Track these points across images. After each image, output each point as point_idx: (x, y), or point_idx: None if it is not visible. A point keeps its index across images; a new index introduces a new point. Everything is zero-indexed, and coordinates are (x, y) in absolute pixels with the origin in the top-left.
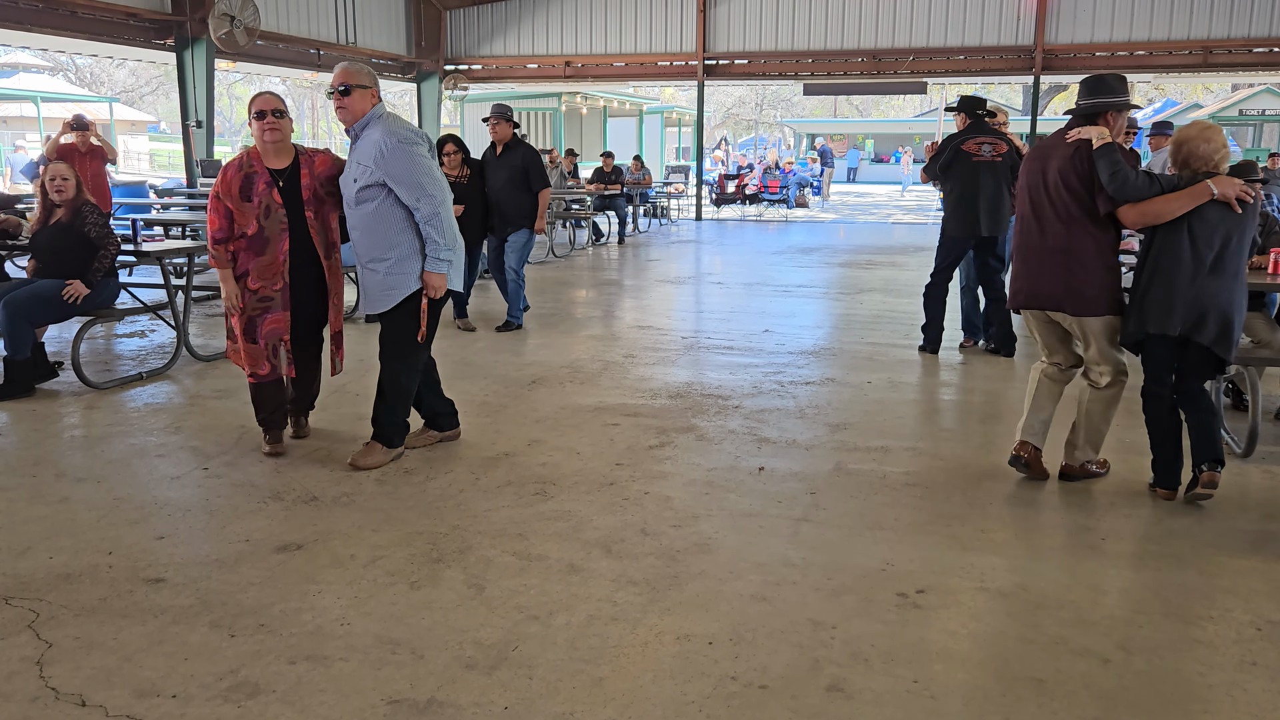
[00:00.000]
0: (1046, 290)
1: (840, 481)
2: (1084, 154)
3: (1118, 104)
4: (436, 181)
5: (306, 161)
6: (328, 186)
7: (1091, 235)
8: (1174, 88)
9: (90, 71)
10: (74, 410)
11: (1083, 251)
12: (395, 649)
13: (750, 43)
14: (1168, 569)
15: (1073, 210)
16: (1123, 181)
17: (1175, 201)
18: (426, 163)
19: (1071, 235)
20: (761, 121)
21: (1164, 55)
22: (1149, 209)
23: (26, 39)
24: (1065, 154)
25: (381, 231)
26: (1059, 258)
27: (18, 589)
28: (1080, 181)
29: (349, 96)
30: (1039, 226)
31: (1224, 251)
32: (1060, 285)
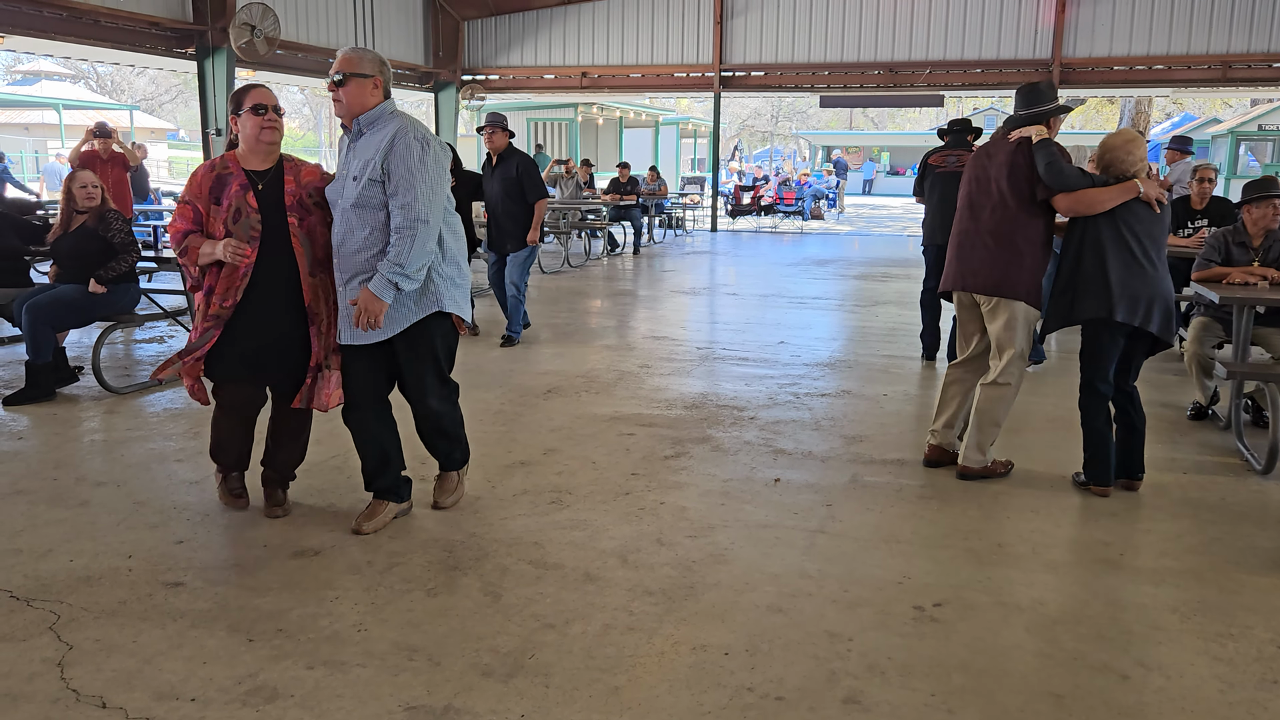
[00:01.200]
0: (974, 271)
1: (856, 494)
2: (1025, 149)
3: (1054, 110)
4: (436, 196)
5: (292, 168)
6: (315, 196)
7: (1023, 225)
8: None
9: (111, 79)
10: (94, 414)
11: (1013, 238)
12: (412, 655)
13: (767, 55)
14: (1187, 585)
15: (1009, 201)
16: (1058, 172)
17: (1106, 194)
18: (436, 171)
19: (1004, 223)
20: (777, 133)
21: (1183, 70)
22: (1082, 198)
23: (51, 47)
24: (1008, 149)
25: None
26: (990, 242)
27: (39, 591)
28: (1020, 174)
29: (344, 88)
30: (974, 215)
31: (1152, 247)
32: (987, 267)
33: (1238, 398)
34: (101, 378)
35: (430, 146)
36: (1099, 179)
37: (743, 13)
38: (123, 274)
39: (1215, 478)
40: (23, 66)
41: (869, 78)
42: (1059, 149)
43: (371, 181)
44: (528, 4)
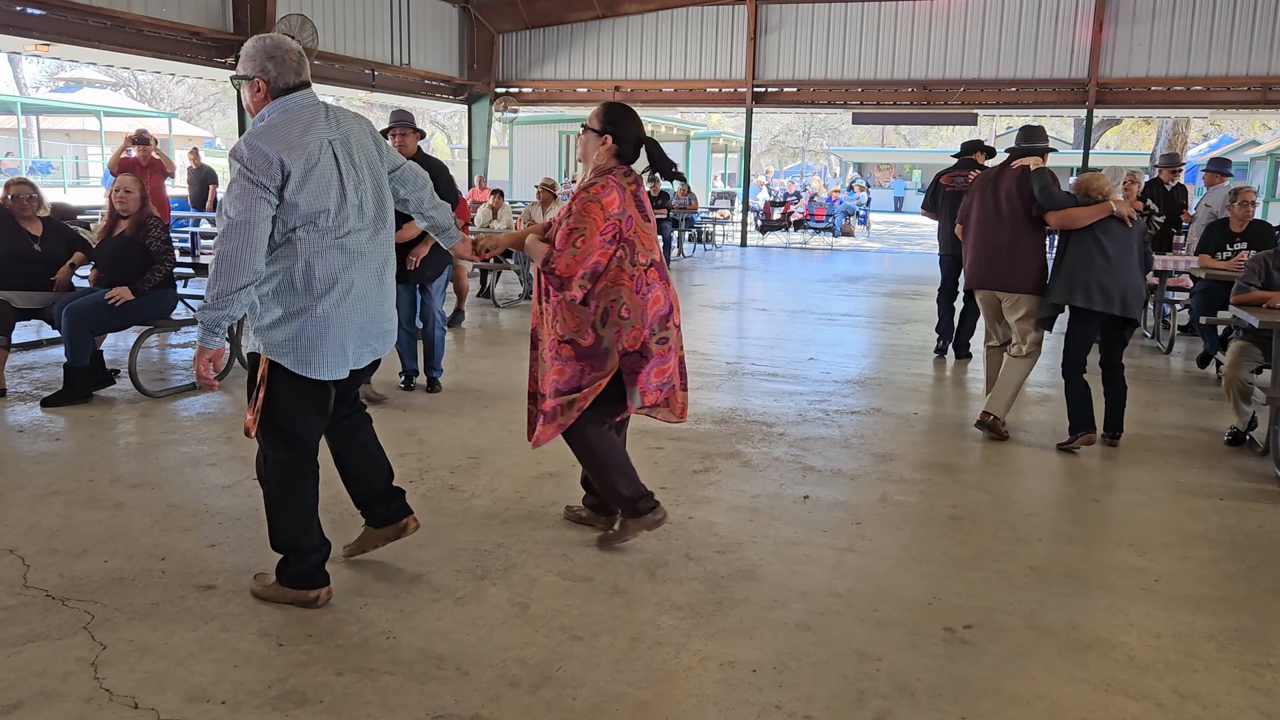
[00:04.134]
0: (995, 274)
1: (886, 512)
2: (1025, 175)
3: (1045, 149)
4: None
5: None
6: (563, 217)
7: (1028, 234)
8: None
9: (150, 88)
10: (129, 417)
11: (1021, 246)
12: (440, 664)
13: (800, 71)
14: (1223, 614)
15: (1018, 215)
16: (1049, 195)
17: (1085, 213)
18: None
19: (1014, 234)
20: (808, 149)
21: (1221, 91)
22: (1067, 215)
23: (94, 55)
24: (1014, 175)
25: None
26: (1005, 250)
27: (74, 591)
28: (1021, 195)
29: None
30: (989, 229)
31: (1123, 251)
32: (1004, 269)
33: (1277, 423)
34: (137, 381)
35: (238, 155)
36: (1083, 199)
37: (776, 29)
38: (160, 281)
39: (1253, 504)
40: (65, 74)
41: (902, 95)
42: (1051, 176)
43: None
44: (562, 18)
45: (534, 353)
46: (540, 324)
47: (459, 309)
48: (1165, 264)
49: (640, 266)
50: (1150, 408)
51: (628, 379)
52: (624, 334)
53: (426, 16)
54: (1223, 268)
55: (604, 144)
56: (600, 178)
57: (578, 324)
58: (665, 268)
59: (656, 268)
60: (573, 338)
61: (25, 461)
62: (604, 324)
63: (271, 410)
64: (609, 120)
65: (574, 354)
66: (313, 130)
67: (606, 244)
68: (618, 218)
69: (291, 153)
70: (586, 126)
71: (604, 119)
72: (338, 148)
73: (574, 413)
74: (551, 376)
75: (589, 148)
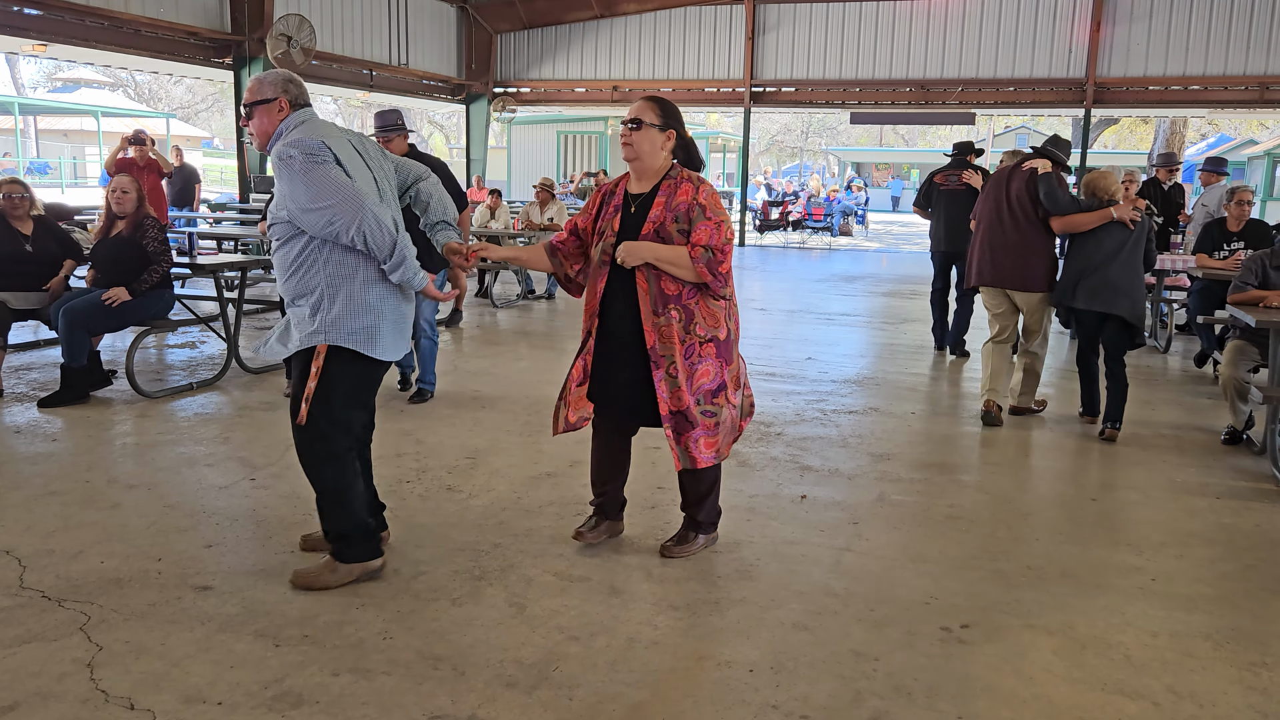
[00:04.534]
0: (1007, 272)
1: (883, 512)
2: (1033, 177)
3: (1062, 160)
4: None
5: (669, 189)
6: (682, 223)
7: (1039, 234)
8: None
9: (149, 88)
10: (126, 418)
11: (1032, 244)
12: (437, 665)
13: (798, 71)
14: (1220, 613)
15: (1029, 215)
16: (1054, 200)
17: (1087, 219)
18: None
19: (1025, 233)
20: (807, 149)
21: (1219, 90)
22: (1070, 221)
23: (92, 56)
24: (1023, 177)
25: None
26: (1017, 249)
27: (70, 592)
28: (1031, 196)
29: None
30: (1002, 227)
31: (1126, 253)
32: (1017, 269)
33: (1273, 422)
34: (134, 382)
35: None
36: (1086, 204)
37: (774, 28)
38: (157, 281)
39: (1250, 503)
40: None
41: (900, 94)
42: (1058, 180)
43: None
44: (560, 18)
45: (658, 373)
46: (660, 340)
47: (456, 309)
48: (1163, 263)
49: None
50: (1147, 407)
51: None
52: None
53: (424, 16)
54: (1220, 267)
55: (668, 140)
56: (684, 172)
57: (716, 319)
58: None
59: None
60: (712, 334)
61: (22, 462)
62: (729, 318)
63: (329, 397)
64: (668, 115)
65: (715, 351)
66: (334, 128)
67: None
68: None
69: (331, 141)
70: (641, 122)
71: (663, 113)
72: (356, 143)
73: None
74: (699, 381)
75: (647, 144)
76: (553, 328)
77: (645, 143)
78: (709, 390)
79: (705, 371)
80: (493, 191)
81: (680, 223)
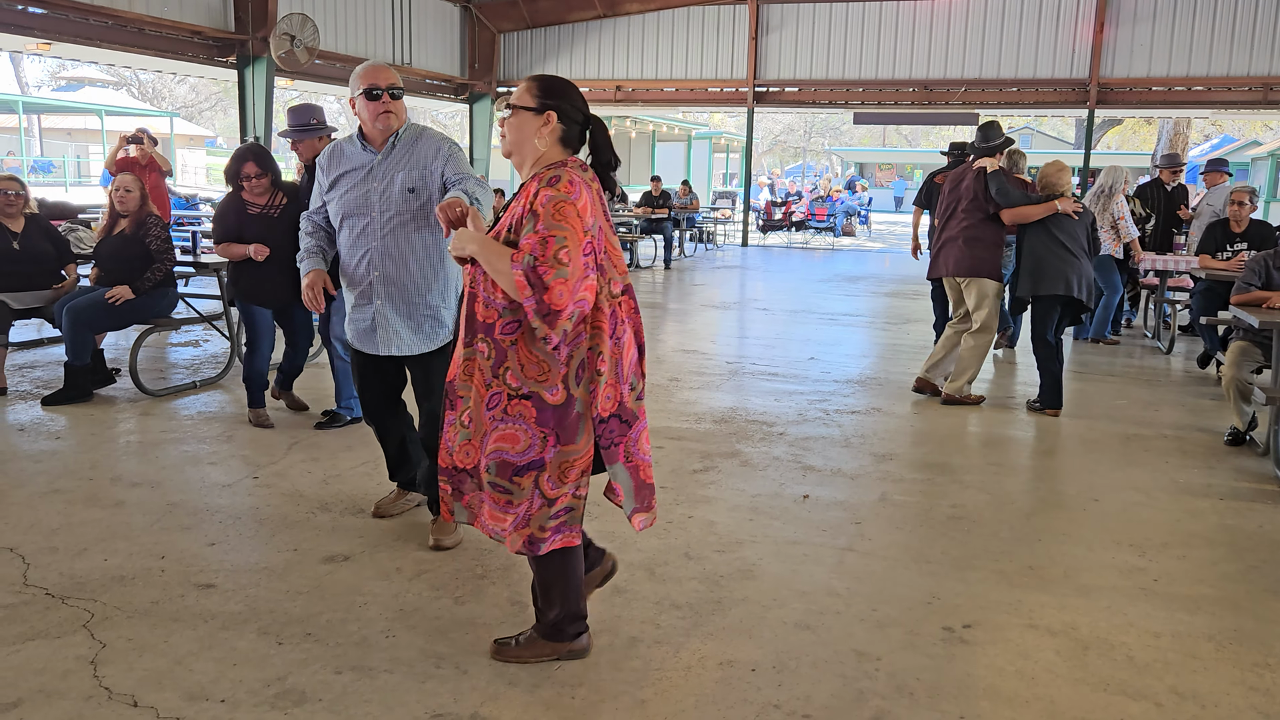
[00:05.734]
0: (948, 262)
1: (885, 512)
2: (982, 174)
3: (1003, 144)
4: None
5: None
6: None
7: (987, 227)
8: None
9: (152, 87)
10: (130, 416)
11: (980, 237)
12: (439, 663)
13: (801, 71)
14: (1222, 614)
15: (977, 210)
16: (1004, 194)
17: (1035, 209)
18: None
19: (972, 228)
20: (810, 149)
21: (1222, 91)
22: (1019, 212)
23: (95, 54)
24: (973, 174)
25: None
26: (967, 242)
27: (74, 589)
28: (980, 192)
29: (399, 101)
30: (956, 222)
31: (1074, 241)
32: (966, 258)
33: (1277, 423)
34: (138, 380)
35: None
36: (1036, 197)
37: (777, 29)
38: (160, 280)
39: (1253, 504)
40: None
41: (903, 95)
42: (1005, 174)
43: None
44: (563, 17)
45: (451, 414)
46: (461, 375)
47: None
48: (1166, 264)
49: (614, 299)
50: (1150, 408)
51: (607, 455)
52: (600, 393)
53: (428, 16)
54: (1223, 268)
55: (546, 124)
56: (558, 169)
57: (543, 371)
58: (634, 292)
59: (630, 295)
60: (532, 389)
61: (25, 460)
62: (578, 381)
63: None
64: (549, 94)
65: (536, 415)
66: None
67: (590, 270)
68: (592, 230)
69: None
70: (516, 106)
71: (541, 92)
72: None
73: (559, 521)
74: (494, 444)
75: (523, 131)
76: None
77: (515, 130)
78: (511, 464)
79: (511, 437)
80: (496, 191)
81: (514, 232)
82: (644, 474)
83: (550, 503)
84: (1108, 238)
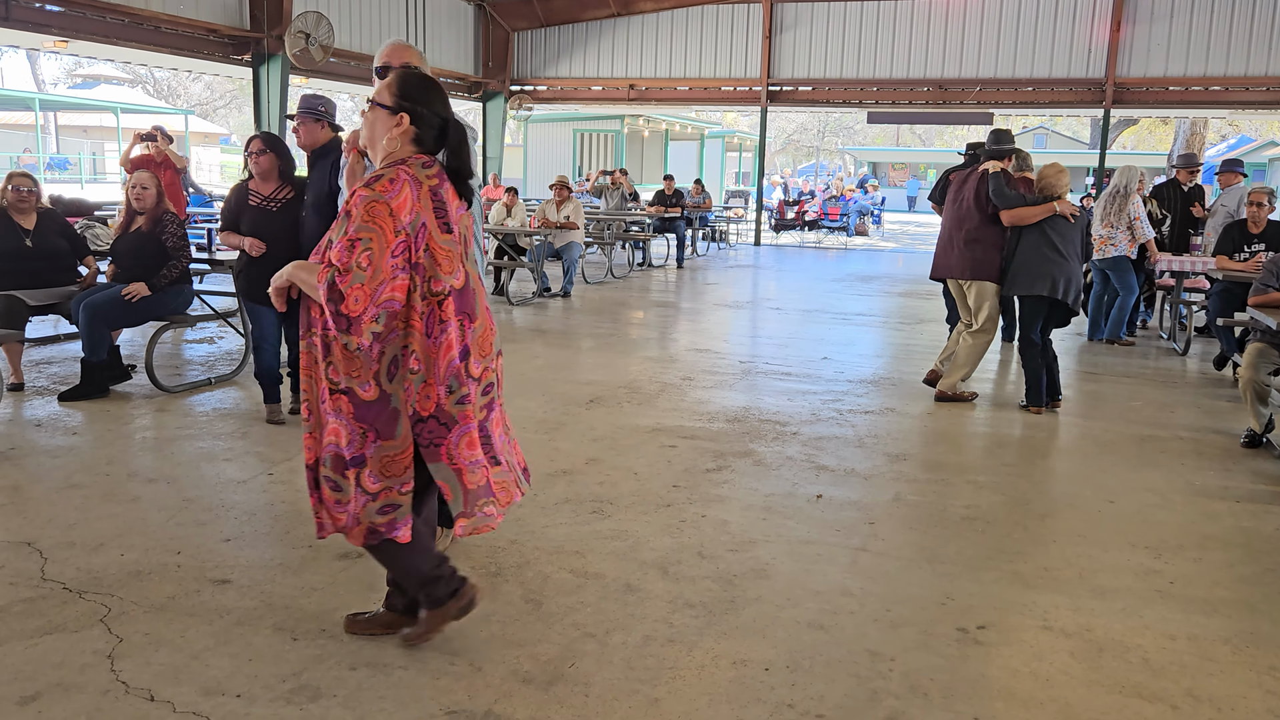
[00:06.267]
0: (949, 264)
1: (899, 512)
2: (984, 177)
3: (1010, 150)
4: None
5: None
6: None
7: (988, 230)
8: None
9: (167, 84)
10: (145, 412)
11: (981, 239)
12: (453, 660)
13: (815, 70)
14: (1239, 617)
15: (979, 213)
16: (1002, 195)
17: (1033, 211)
18: None
19: (972, 228)
20: (823, 149)
21: (1240, 91)
22: (1017, 214)
23: (112, 52)
24: (976, 177)
25: None
26: (961, 243)
27: (91, 584)
28: (982, 194)
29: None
30: (958, 224)
31: (1068, 245)
32: (966, 260)
33: None
34: (154, 376)
35: None
36: (1033, 198)
37: (791, 27)
38: (176, 276)
39: (1270, 507)
40: (83, 70)
41: (917, 94)
42: (1006, 177)
43: None
44: (577, 16)
45: (304, 408)
46: (305, 368)
47: None
48: (1182, 265)
49: (434, 297)
50: (1166, 409)
51: (427, 454)
52: (414, 392)
53: (442, 14)
54: (1240, 269)
55: (398, 125)
56: (388, 169)
57: (356, 369)
58: (474, 296)
59: (456, 297)
60: (350, 386)
61: (43, 455)
62: (390, 377)
63: None
64: (405, 94)
65: (353, 410)
66: None
67: (399, 270)
68: (409, 229)
69: None
70: (374, 102)
71: (399, 92)
72: None
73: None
74: (328, 437)
75: (375, 129)
76: (568, 325)
77: (368, 125)
78: (335, 456)
79: (338, 431)
80: (509, 189)
81: (342, 224)
82: (467, 480)
83: (373, 497)
84: (1124, 238)
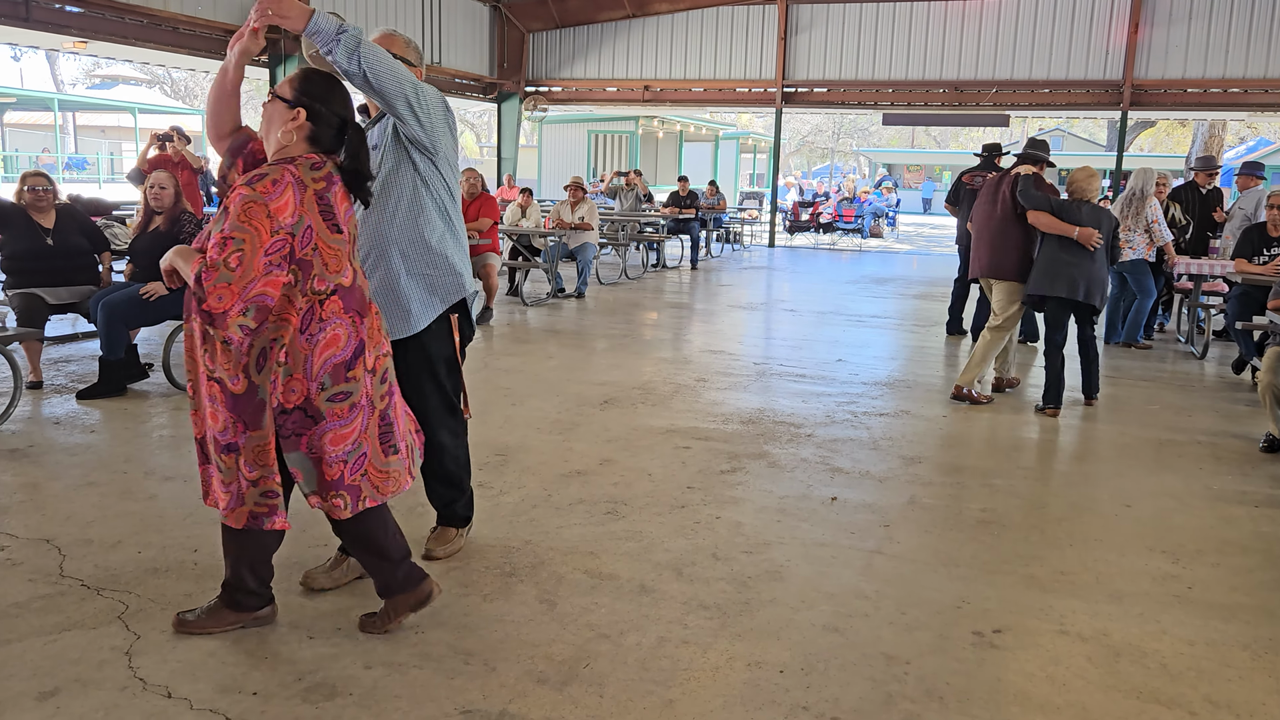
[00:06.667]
0: (984, 263)
1: (914, 515)
2: (1015, 179)
3: (1044, 160)
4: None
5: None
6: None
7: (1016, 230)
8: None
9: (185, 85)
10: (162, 410)
11: (1008, 239)
12: (468, 659)
13: (830, 71)
14: (1259, 622)
15: (1010, 212)
16: (1029, 197)
17: (1053, 224)
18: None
19: (1003, 229)
20: (838, 150)
21: (1259, 93)
22: (1038, 218)
23: (130, 53)
24: (1009, 180)
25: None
26: (996, 242)
27: (109, 581)
28: (1013, 197)
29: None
30: (986, 225)
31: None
32: (994, 259)
33: None
34: (171, 375)
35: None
36: (1057, 201)
37: (806, 29)
38: None
39: None
40: (101, 71)
41: (933, 96)
42: (1035, 180)
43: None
44: (592, 17)
45: (191, 389)
46: (191, 347)
47: (487, 306)
48: (1200, 268)
49: (316, 295)
50: (1184, 414)
51: (285, 444)
52: (280, 385)
53: (458, 15)
54: (1260, 272)
55: (294, 120)
56: (274, 167)
57: (227, 360)
58: (362, 294)
59: (343, 295)
60: (221, 377)
61: (61, 452)
62: (259, 369)
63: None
64: (306, 90)
65: (224, 399)
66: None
67: (275, 267)
68: (290, 230)
69: None
70: (273, 93)
71: (300, 87)
72: None
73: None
74: (208, 419)
75: (271, 122)
76: (582, 326)
77: (266, 117)
78: (217, 440)
79: (213, 415)
80: (524, 190)
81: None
82: (328, 472)
83: (254, 484)
84: (1141, 241)
